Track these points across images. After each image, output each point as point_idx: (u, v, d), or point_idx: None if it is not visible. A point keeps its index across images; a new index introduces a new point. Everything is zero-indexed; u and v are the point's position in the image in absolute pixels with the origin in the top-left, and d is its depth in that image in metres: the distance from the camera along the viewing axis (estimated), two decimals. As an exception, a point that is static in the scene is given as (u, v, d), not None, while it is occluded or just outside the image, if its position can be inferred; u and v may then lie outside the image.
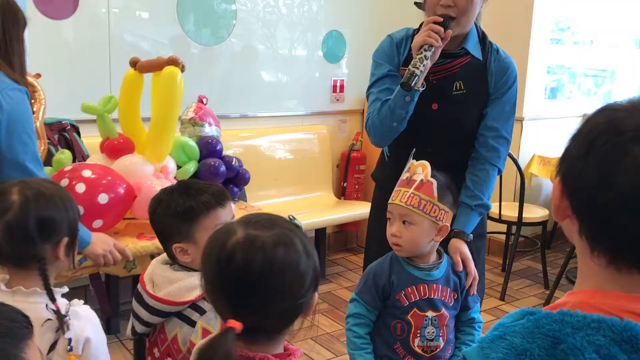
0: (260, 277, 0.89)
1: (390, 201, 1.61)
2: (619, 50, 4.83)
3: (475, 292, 1.70)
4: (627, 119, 0.72)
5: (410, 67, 1.68)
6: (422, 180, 1.57)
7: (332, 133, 4.21)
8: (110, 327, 3.01)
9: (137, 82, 2.28)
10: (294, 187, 3.96)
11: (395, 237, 1.59)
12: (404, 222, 1.58)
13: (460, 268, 1.68)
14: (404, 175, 1.61)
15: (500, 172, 1.94)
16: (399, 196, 1.58)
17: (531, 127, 4.19)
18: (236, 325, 0.88)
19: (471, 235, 1.79)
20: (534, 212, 3.82)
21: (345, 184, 4.24)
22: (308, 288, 0.94)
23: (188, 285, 1.39)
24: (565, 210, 0.76)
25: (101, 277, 2.78)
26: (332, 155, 4.19)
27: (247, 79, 3.74)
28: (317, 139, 4.11)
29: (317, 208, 3.86)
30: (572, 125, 0.81)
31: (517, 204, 3.77)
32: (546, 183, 4.37)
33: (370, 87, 1.93)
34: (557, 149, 4.28)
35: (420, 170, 1.58)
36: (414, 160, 1.62)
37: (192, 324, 1.39)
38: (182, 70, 2.12)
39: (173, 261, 1.48)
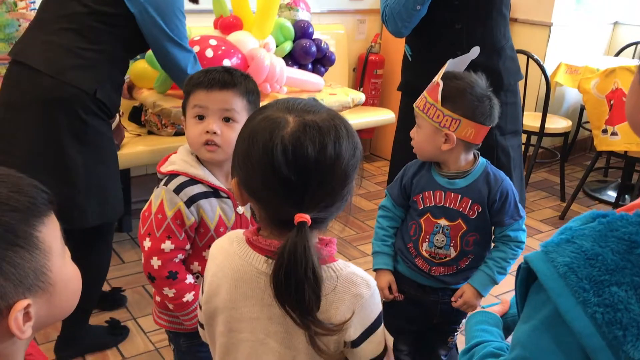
0: (334, 162, 0.85)
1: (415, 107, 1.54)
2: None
3: (514, 210, 1.56)
4: None
5: None
6: (433, 82, 1.47)
7: (349, 34, 4.01)
8: (122, 225, 3.00)
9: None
10: (308, 90, 3.82)
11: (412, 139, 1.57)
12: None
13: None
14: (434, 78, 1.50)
15: None
16: (418, 100, 1.53)
17: (559, 33, 3.97)
18: (306, 218, 0.84)
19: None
20: (556, 123, 3.70)
21: (361, 89, 4.10)
22: (354, 176, 0.91)
23: (170, 159, 1.41)
24: None
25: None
26: (348, 58, 4.01)
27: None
28: (334, 39, 3.92)
29: (331, 113, 3.75)
30: (602, 33, 0.70)
31: (539, 113, 3.65)
32: (570, 93, 4.21)
33: None
34: (585, 57, 4.10)
35: (440, 73, 1.48)
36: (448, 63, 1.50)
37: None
38: None
39: None
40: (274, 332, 0.93)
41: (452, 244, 1.56)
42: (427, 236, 1.57)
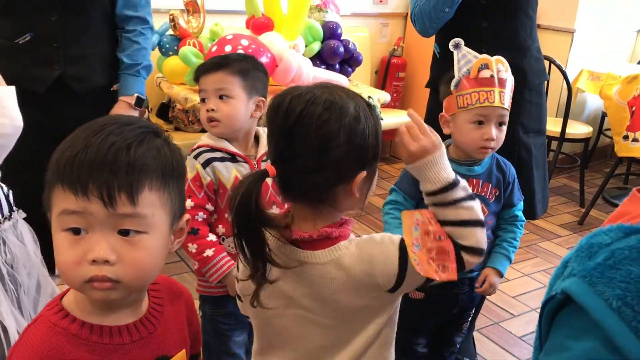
0: (297, 123, 0.90)
1: (485, 104, 1.49)
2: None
3: (518, 190, 1.68)
4: None
5: None
6: (502, 78, 1.50)
7: (372, 37, 4.06)
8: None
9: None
10: (331, 91, 3.88)
11: (491, 140, 1.52)
12: (500, 124, 1.53)
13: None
14: (484, 74, 1.49)
15: None
16: (497, 97, 1.50)
17: (582, 40, 3.98)
18: (270, 169, 0.93)
19: None
20: (577, 129, 3.72)
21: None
22: (351, 157, 0.92)
23: (200, 139, 1.59)
24: None
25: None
26: (371, 60, 4.06)
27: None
28: (357, 42, 3.96)
29: (353, 114, 3.80)
30: (625, 40, 0.70)
31: (559, 119, 3.66)
32: (591, 99, 4.21)
33: None
34: (607, 64, 4.08)
35: (502, 67, 1.51)
36: (487, 55, 1.52)
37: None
38: None
39: None
40: (311, 307, 0.97)
41: None
42: None
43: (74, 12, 1.82)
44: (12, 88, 1.27)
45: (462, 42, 1.52)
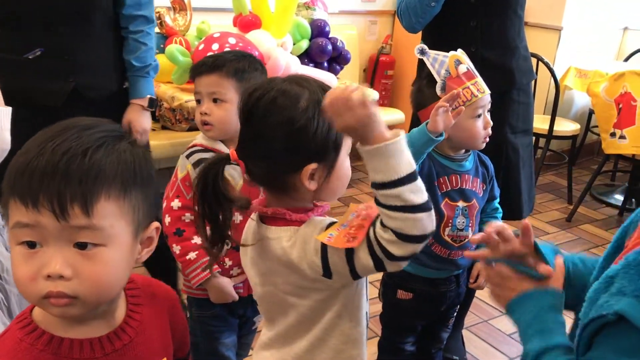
0: (250, 112, 0.96)
1: (478, 96, 1.50)
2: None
3: (496, 184, 1.71)
4: None
5: None
6: (472, 70, 1.52)
7: (361, 35, 4.05)
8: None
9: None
10: (319, 89, 3.87)
11: (490, 126, 1.56)
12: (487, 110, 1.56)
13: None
14: (462, 68, 1.51)
15: None
16: (482, 86, 1.52)
17: (569, 37, 4.00)
18: (232, 153, 0.98)
19: None
20: (565, 126, 3.73)
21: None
22: (294, 148, 0.93)
23: (195, 138, 1.58)
24: None
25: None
26: (359, 58, 4.05)
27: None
28: (345, 40, 3.96)
29: (341, 112, 3.79)
30: (612, 38, 0.69)
31: (547, 116, 3.68)
32: (579, 96, 4.23)
33: None
34: (595, 62, 4.09)
35: (466, 58, 1.53)
36: (454, 52, 1.53)
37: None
38: None
39: None
40: (277, 283, 1.01)
41: (470, 224, 1.62)
42: (450, 221, 1.60)
43: (80, 22, 1.82)
44: (9, 109, 1.25)
45: (425, 47, 1.53)
